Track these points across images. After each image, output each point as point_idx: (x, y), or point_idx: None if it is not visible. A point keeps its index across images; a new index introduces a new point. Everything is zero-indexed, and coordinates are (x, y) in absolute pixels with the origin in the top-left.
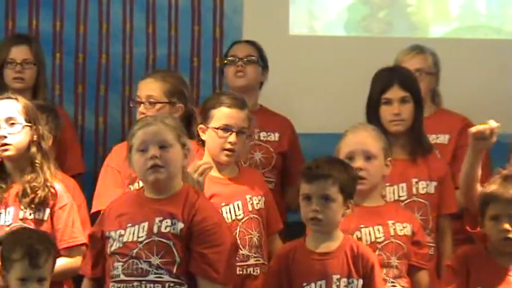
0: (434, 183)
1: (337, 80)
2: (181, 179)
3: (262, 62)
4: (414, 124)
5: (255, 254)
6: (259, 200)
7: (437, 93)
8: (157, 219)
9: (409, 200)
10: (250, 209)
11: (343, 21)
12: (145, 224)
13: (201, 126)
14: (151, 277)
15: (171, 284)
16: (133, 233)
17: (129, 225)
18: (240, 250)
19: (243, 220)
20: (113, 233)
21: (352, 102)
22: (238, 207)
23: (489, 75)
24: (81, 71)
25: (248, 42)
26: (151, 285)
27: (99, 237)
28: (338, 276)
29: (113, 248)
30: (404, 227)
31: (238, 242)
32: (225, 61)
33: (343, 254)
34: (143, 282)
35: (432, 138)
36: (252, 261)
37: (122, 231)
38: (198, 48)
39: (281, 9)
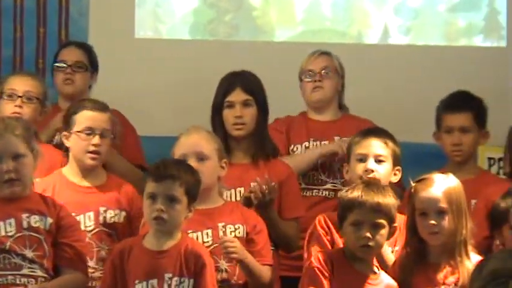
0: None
1: (183, 83)
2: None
3: (91, 66)
4: (257, 128)
5: (101, 267)
6: (115, 214)
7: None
8: (24, 215)
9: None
10: (101, 221)
11: (188, 24)
12: (12, 220)
13: (65, 133)
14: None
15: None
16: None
17: None
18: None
19: (93, 232)
20: None
21: (198, 106)
22: (90, 218)
23: None
24: None
25: (77, 45)
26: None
27: None
28: (170, 275)
29: None
30: (236, 229)
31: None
32: (54, 66)
33: (177, 253)
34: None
35: None
36: (97, 274)
37: None
38: (44, 50)
39: (127, 12)
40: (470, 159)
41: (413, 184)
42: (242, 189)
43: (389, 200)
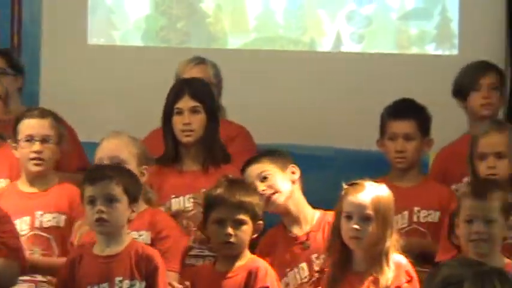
0: None
1: (135, 90)
2: None
3: (13, 70)
4: (206, 135)
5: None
6: (53, 218)
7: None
8: None
9: (194, 211)
10: (37, 225)
11: (141, 31)
12: None
13: (14, 144)
14: None
15: None
16: None
17: None
18: None
19: (27, 235)
20: None
21: (150, 112)
22: (25, 223)
23: (289, 86)
24: None
25: None
26: None
27: None
28: (121, 278)
29: None
30: (140, 235)
31: None
32: None
33: (128, 256)
34: None
35: None
36: (26, 277)
37: None
38: None
39: (79, 18)
40: (413, 166)
41: (345, 187)
42: (192, 196)
43: (252, 197)
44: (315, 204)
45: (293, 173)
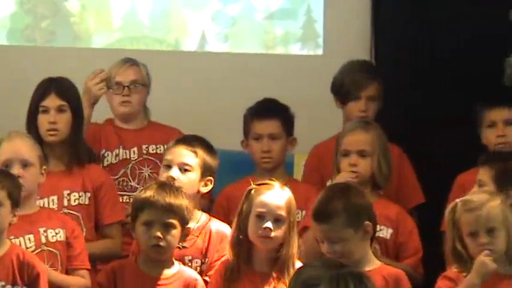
0: (88, 194)
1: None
2: None
3: None
4: (71, 134)
5: None
6: None
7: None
8: None
9: (60, 212)
10: None
11: (6, 29)
12: None
13: None
14: None
15: None
16: None
17: None
18: None
19: None
20: None
21: (14, 111)
22: None
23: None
24: None
25: None
26: None
27: None
28: (3, 283)
29: None
30: (57, 233)
31: None
32: None
33: (9, 261)
34: None
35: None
36: None
37: None
38: None
39: None
40: (279, 166)
41: (253, 186)
42: (55, 197)
43: (182, 201)
44: None
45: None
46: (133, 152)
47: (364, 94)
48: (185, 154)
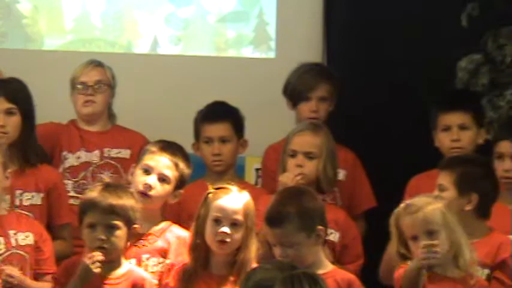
0: (41, 195)
1: None
2: None
3: None
4: (21, 136)
5: None
6: None
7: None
8: None
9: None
10: None
11: None
12: None
13: None
14: None
15: None
16: None
17: None
18: None
19: None
20: None
21: None
22: None
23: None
24: None
25: None
26: None
27: None
28: None
29: None
30: (26, 237)
31: None
32: None
33: None
34: None
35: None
36: None
37: None
38: None
39: None
40: (230, 169)
41: (211, 190)
42: (7, 197)
43: (126, 201)
44: None
45: None
46: (96, 155)
47: (314, 95)
48: (167, 165)
